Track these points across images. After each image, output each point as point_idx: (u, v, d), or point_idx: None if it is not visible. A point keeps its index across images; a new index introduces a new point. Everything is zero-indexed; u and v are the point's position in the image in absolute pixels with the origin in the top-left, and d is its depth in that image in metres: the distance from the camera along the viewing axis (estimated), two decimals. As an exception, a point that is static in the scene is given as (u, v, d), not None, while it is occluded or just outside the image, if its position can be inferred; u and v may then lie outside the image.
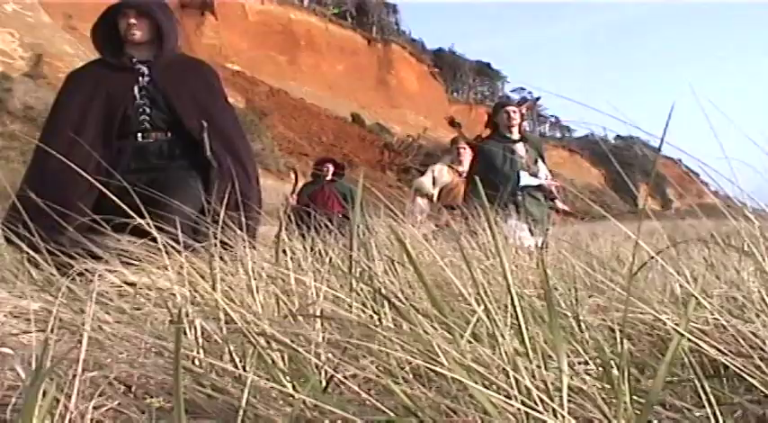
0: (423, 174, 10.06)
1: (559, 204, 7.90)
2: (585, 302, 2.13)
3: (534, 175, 7.62)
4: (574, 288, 2.16)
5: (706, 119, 2.65)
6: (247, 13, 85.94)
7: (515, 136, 7.68)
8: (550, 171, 8.13)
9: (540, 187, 7.61)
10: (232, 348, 1.39)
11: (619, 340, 1.37)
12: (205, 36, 78.73)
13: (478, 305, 1.28)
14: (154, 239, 2.13)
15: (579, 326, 1.80)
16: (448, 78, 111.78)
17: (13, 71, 50.25)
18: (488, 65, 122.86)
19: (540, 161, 7.81)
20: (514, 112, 7.69)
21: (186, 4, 79.79)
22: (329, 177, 11.22)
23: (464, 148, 9.73)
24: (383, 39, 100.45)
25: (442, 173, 9.67)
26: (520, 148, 7.64)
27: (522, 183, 7.43)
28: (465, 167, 9.19)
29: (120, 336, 1.53)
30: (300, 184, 11.86)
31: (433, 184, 9.60)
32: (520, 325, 1.19)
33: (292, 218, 9.08)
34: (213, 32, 79.55)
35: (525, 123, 8.01)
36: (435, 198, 9.47)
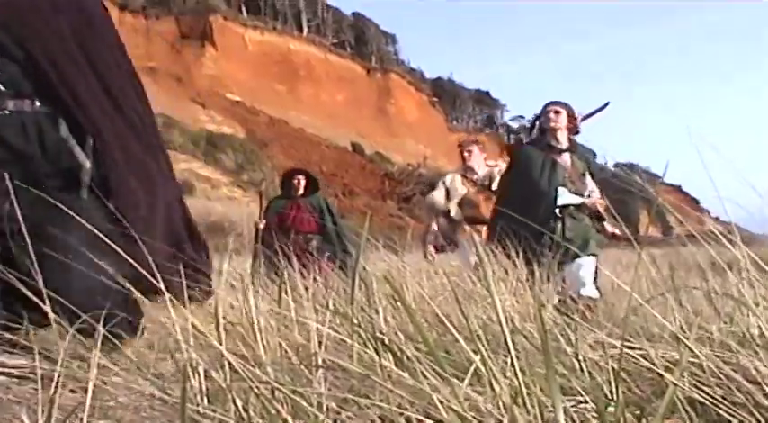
0: (432, 189, 8.76)
1: (609, 227, 6.60)
2: (585, 338, 2.15)
3: (579, 193, 6.38)
4: (573, 326, 2.18)
5: (699, 156, 2.68)
6: (247, 43, 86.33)
7: (561, 144, 6.44)
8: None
9: (584, 206, 6.37)
10: (236, 396, 1.41)
11: (614, 385, 1.39)
12: (205, 67, 79.04)
13: (475, 354, 1.31)
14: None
15: (579, 362, 1.81)
16: (447, 107, 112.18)
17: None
18: (487, 93, 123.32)
19: (588, 176, 6.54)
20: (557, 113, 6.42)
21: (186, 35, 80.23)
22: (301, 191, 9.72)
23: (469, 152, 8.49)
24: (382, 68, 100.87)
25: (454, 183, 8.34)
26: (565, 159, 6.43)
27: (560, 202, 6.25)
28: (480, 174, 8.30)
29: (124, 384, 1.55)
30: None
31: (447, 196, 8.27)
32: (517, 375, 1.21)
33: (262, 247, 8.43)
34: (213, 63, 79.87)
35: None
36: (454, 212, 8.21)
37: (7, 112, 2.73)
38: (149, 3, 78.87)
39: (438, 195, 8.35)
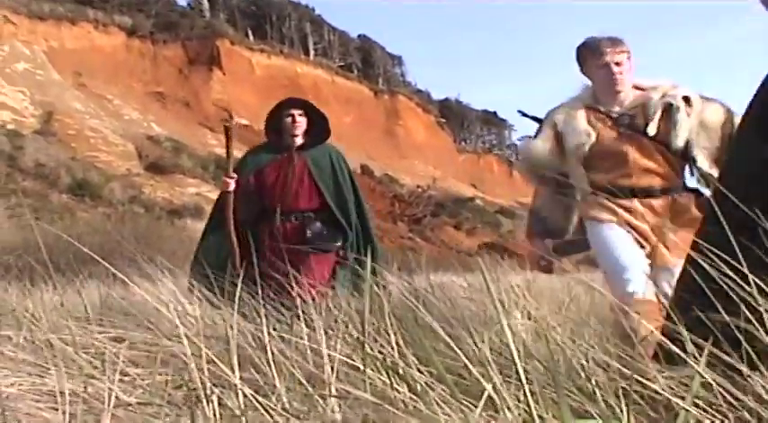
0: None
1: None
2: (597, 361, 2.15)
3: None
4: (584, 350, 2.18)
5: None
6: (254, 67, 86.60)
7: None
8: None
9: None
10: (250, 424, 1.42)
11: (626, 409, 1.40)
12: (213, 91, 79.29)
13: (487, 381, 1.32)
14: None
15: (591, 386, 1.82)
16: (455, 128, 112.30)
17: (25, 129, 50.68)
18: (495, 113, 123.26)
19: None
20: None
21: (193, 60, 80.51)
22: (300, 140, 5.78)
23: (619, 65, 4.06)
24: (389, 90, 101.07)
25: (573, 123, 4.17)
26: None
27: None
28: (626, 104, 4.14)
29: (139, 413, 1.56)
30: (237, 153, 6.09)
31: (559, 146, 4.20)
32: (529, 402, 1.22)
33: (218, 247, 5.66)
34: (221, 87, 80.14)
35: None
36: (577, 177, 4.17)
37: None
38: (156, 28, 79.23)
39: (540, 146, 4.30)
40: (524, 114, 4.60)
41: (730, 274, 1.65)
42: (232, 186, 5.67)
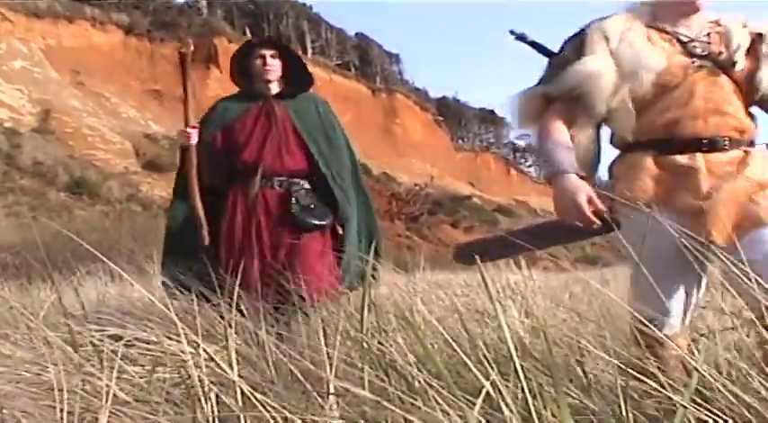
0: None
1: None
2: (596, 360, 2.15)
3: None
4: (582, 347, 2.19)
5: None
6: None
7: None
8: None
9: None
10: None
11: (624, 406, 1.40)
12: (210, 89, 79.02)
13: (486, 377, 1.32)
14: None
15: (589, 383, 1.82)
16: (453, 126, 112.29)
17: (22, 127, 50.57)
18: (492, 112, 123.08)
19: None
20: None
21: (191, 58, 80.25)
22: (276, 87, 4.70)
23: None
24: (387, 88, 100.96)
25: (634, 39, 2.85)
26: None
27: None
28: (695, 29, 2.92)
29: (138, 411, 1.56)
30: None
31: (614, 67, 2.82)
32: (527, 399, 1.22)
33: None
34: (218, 85, 79.95)
35: None
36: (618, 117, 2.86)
37: None
38: (154, 26, 79.03)
39: (600, 65, 2.85)
40: (521, 37, 3.35)
41: None
42: (194, 139, 4.50)
